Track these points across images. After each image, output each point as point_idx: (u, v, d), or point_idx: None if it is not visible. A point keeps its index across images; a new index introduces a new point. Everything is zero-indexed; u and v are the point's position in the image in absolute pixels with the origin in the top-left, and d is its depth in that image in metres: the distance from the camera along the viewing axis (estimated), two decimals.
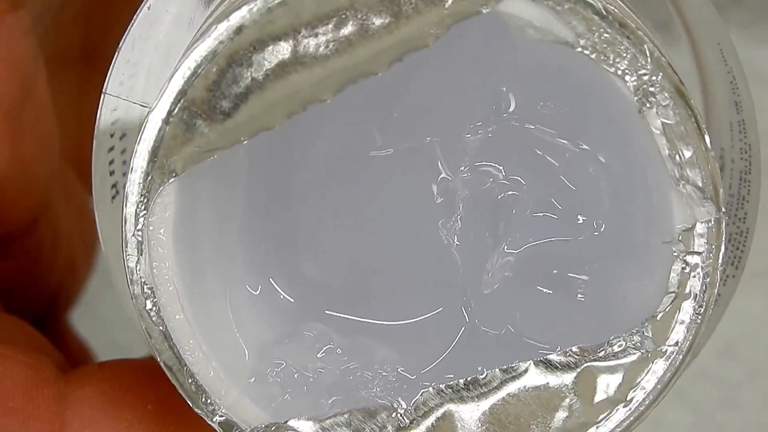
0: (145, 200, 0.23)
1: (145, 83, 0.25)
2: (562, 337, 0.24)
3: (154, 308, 0.23)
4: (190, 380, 0.24)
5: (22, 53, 0.25)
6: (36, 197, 0.27)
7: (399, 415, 0.24)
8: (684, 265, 0.23)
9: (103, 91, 0.24)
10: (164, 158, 0.22)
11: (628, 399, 0.23)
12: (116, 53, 0.24)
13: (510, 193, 0.24)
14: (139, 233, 0.23)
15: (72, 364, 0.28)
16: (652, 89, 0.22)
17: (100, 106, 0.25)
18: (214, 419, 0.24)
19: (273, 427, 0.24)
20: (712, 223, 0.22)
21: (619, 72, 0.22)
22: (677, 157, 0.22)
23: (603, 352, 0.24)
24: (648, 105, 0.22)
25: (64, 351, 0.29)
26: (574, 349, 0.24)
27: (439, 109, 0.24)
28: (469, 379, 0.24)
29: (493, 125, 0.23)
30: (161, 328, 0.23)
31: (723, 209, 0.22)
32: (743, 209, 0.26)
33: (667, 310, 0.23)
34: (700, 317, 0.23)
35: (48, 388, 0.24)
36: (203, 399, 0.24)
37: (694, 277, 0.23)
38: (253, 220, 0.24)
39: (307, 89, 0.22)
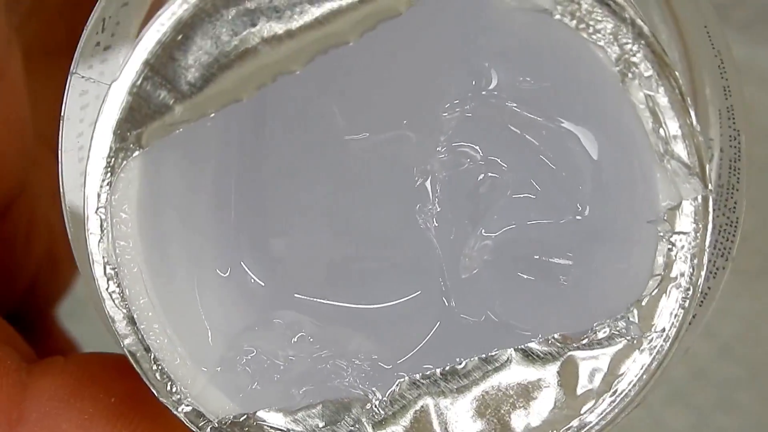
0: (108, 176, 0.22)
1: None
2: (544, 325, 0.23)
3: (118, 290, 0.22)
4: (155, 367, 0.23)
5: None
6: (7, 181, 0.26)
7: (374, 406, 0.23)
8: (670, 246, 0.22)
9: (71, 71, 0.24)
10: (127, 131, 0.22)
11: (612, 389, 0.22)
12: (83, 33, 0.23)
13: (489, 174, 0.23)
14: (102, 211, 0.22)
15: None
16: (634, 59, 0.21)
17: (67, 88, 0.24)
18: (180, 409, 0.23)
19: (242, 418, 0.23)
20: (699, 201, 0.21)
21: (600, 42, 0.21)
22: (661, 130, 0.21)
23: (586, 339, 0.22)
24: (630, 76, 0.21)
25: (49, 347, 0.28)
26: (557, 336, 0.23)
27: (414, 88, 0.23)
28: (447, 368, 0.23)
29: (470, 103, 0.23)
30: (125, 311, 0.22)
31: (710, 186, 0.21)
32: (733, 198, 0.25)
33: (653, 294, 0.22)
34: (687, 301, 0.22)
35: (6, 378, 0.23)
36: (169, 387, 0.23)
37: (681, 258, 0.22)
38: (222, 199, 0.23)
39: (276, 61, 0.21)
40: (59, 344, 0.31)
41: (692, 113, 0.21)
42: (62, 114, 0.24)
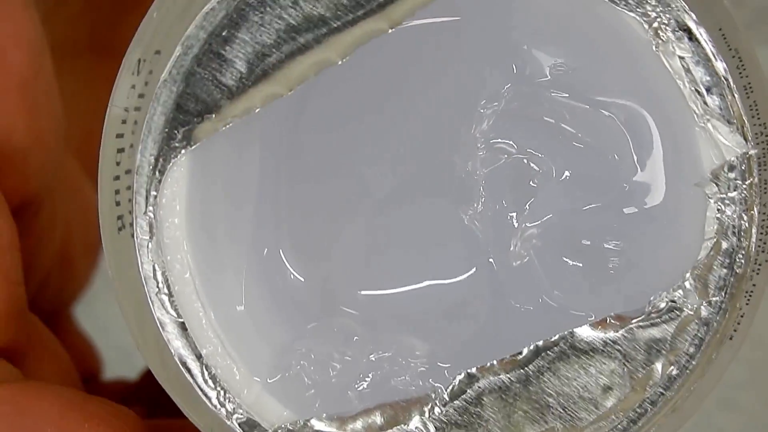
0: (158, 175, 0.22)
1: None
2: (600, 306, 0.23)
3: (168, 293, 0.22)
4: (206, 374, 0.22)
5: (27, 29, 0.25)
6: (49, 174, 0.26)
7: (434, 405, 0.22)
8: (719, 208, 0.22)
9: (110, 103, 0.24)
10: (175, 129, 0.22)
11: (676, 365, 0.22)
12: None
13: (530, 165, 0.23)
14: (151, 211, 0.22)
15: (76, 359, 0.27)
16: (665, 21, 0.21)
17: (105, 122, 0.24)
18: (234, 418, 0.22)
19: (297, 426, 0.22)
20: (742, 158, 0.22)
21: (630, 11, 0.22)
22: (697, 91, 0.22)
23: (644, 315, 0.22)
24: (663, 39, 0.22)
25: (65, 344, 0.28)
26: (613, 316, 0.22)
27: (450, 84, 0.23)
28: (505, 359, 0.22)
29: (507, 95, 0.23)
30: (174, 314, 0.22)
31: (751, 140, 0.21)
32: (766, 191, 0.25)
33: (706, 259, 0.22)
34: (742, 263, 0.22)
35: None
36: (222, 396, 0.22)
37: (732, 219, 0.22)
38: (266, 194, 0.23)
39: (319, 55, 0.22)
40: (76, 344, 0.31)
41: (723, 66, 0.21)
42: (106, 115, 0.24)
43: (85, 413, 0.22)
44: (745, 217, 0.22)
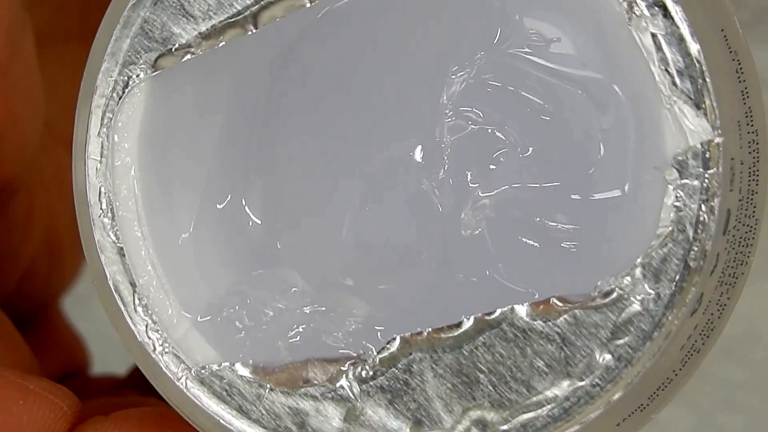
0: (115, 97, 0.22)
1: None
2: (545, 286, 0.22)
3: (110, 217, 0.22)
4: (137, 302, 0.22)
5: (5, 11, 0.25)
6: (25, 159, 0.26)
7: (365, 365, 0.22)
8: (678, 195, 0.21)
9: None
10: (137, 54, 0.22)
11: (615, 354, 0.21)
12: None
13: (495, 134, 0.23)
14: (104, 132, 0.22)
15: (62, 353, 0.27)
16: None
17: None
18: (158, 351, 0.22)
19: (222, 367, 0.22)
20: (707, 145, 0.21)
21: None
22: (667, 71, 0.21)
23: (589, 300, 0.21)
24: (637, 14, 0.21)
25: (53, 340, 0.28)
26: (557, 297, 0.21)
27: (427, 44, 0.23)
28: (441, 327, 0.22)
29: (478, 62, 0.23)
30: (114, 238, 0.22)
31: (719, 129, 0.20)
32: (753, 204, 0.24)
33: (660, 247, 0.21)
34: (696, 255, 0.21)
35: (63, 427, 0.23)
36: (150, 326, 0.22)
37: (689, 207, 0.21)
38: (231, 136, 0.23)
39: None
40: (64, 338, 0.31)
41: (697, 48, 0.20)
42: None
43: (22, 390, 0.22)
44: (704, 209, 0.21)
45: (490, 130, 0.23)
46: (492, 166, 0.23)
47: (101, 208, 0.22)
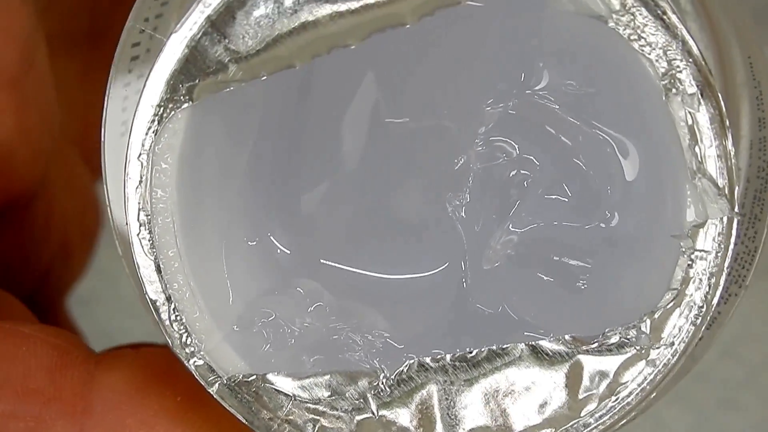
0: (155, 124, 0.22)
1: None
2: (557, 324, 0.23)
3: (148, 236, 0.23)
4: (173, 317, 0.23)
5: (21, 24, 0.24)
6: (38, 170, 0.26)
7: (381, 383, 0.23)
8: (690, 263, 0.22)
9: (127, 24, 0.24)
10: (180, 83, 0.22)
11: (615, 396, 0.23)
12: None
13: (522, 171, 0.24)
14: (144, 157, 0.22)
15: None
16: (680, 75, 0.21)
17: (122, 40, 0.24)
18: (192, 361, 0.23)
19: (251, 378, 0.23)
20: (725, 222, 0.22)
21: (650, 54, 0.21)
22: (697, 148, 0.22)
23: (597, 343, 0.23)
24: (674, 91, 0.21)
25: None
26: (567, 337, 0.23)
27: (461, 79, 0.23)
28: (457, 356, 0.23)
29: (514, 100, 0.23)
30: (152, 258, 0.23)
31: (737, 209, 0.22)
32: (753, 228, 0.25)
33: (667, 307, 0.22)
34: (699, 319, 0.22)
35: (74, 369, 0.23)
36: (184, 339, 0.23)
37: (699, 276, 0.22)
38: (259, 165, 0.23)
39: (334, 33, 0.22)
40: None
41: (729, 135, 0.21)
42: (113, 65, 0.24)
43: (21, 336, 0.23)
44: (714, 279, 0.22)
45: (517, 164, 0.24)
46: (516, 200, 0.24)
47: (139, 228, 0.23)
